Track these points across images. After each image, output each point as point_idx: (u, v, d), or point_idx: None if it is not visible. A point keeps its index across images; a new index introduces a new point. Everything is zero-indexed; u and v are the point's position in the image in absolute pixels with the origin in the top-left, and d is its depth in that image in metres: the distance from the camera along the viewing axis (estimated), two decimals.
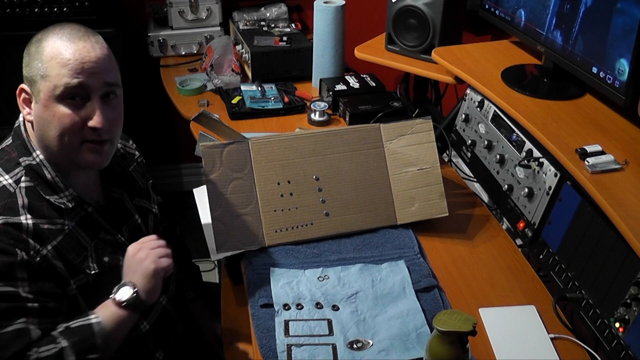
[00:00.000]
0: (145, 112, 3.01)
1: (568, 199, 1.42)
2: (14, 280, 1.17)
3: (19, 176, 1.25)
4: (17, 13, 2.41)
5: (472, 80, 1.81)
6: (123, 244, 1.35)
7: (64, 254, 1.24)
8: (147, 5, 2.82)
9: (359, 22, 2.82)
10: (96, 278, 1.28)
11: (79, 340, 1.19)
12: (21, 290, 1.17)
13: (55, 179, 1.27)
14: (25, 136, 1.28)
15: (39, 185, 1.25)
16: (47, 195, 1.25)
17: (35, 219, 1.22)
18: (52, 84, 1.20)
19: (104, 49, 1.25)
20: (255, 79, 2.34)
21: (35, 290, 1.19)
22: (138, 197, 1.47)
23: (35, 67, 1.22)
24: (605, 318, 1.25)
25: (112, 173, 1.40)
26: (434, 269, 1.48)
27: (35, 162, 1.26)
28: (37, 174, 1.26)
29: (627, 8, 1.38)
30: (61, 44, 1.21)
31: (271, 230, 1.53)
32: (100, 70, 1.23)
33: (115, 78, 1.27)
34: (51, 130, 1.23)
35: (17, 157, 1.27)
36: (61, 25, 1.25)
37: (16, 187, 1.23)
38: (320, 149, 1.59)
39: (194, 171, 3.29)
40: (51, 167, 1.27)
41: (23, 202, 1.22)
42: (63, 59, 1.20)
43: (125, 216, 1.41)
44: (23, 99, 1.27)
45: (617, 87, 1.43)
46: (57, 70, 1.19)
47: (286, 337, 1.28)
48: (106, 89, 1.24)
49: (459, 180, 1.87)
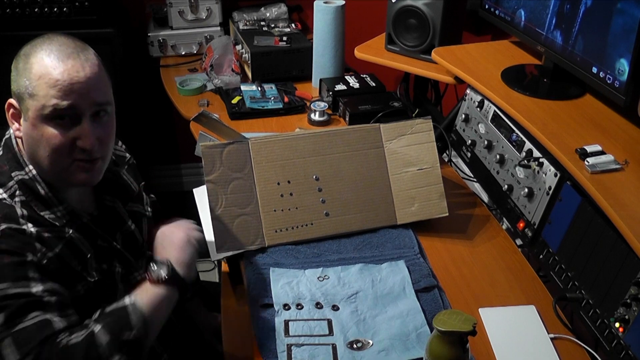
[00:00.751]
0: (145, 112, 3.01)
1: (568, 199, 1.42)
2: (27, 280, 1.15)
3: (12, 191, 1.22)
4: (17, 13, 2.41)
5: (472, 80, 1.81)
6: (118, 251, 1.35)
7: (66, 262, 1.23)
8: (147, 5, 2.82)
9: (359, 22, 2.82)
10: (97, 285, 1.27)
11: (111, 320, 1.18)
12: (34, 290, 1.15)
13: (49, 194, 1.24)
14: (17, 150, 1.25)
15: (32, 201, 1.22)
16: (41, 212, 1.23)
17: (36, 227, 1.20)
18: (40, 103, 1.16)
19: (94, 67, 1.20)
20: (255, 79, 2.34)
21: (48, 289, 1.17)
22: (131, 202, 1.45)
23: (23, 85, 1.18)
24: (605, 318, 1.25)
25: (104, 181, 1.36)
26: (434, 269, 1.48)
27: (28, 177, 1.23)
28: (29, 189, 1.23)
29: (627, 8, 1.38)
30: (49, 62, 1.16)
31: (271, 230, 1.53)
32: (90, 90, 1.18)
33: (106, 97, 1.23)
34: (40, 150, 1.20)
35: (9, 170, 1.24)
36: (49, 40, 1.20)
37: (12, 202, 1.21)
38: (320, 149, 1.59)
39: (194, 171, 3.28)
40: (44, 182, 1.24)
41: (22, 213, 1.20)
42: (51, 79, 1.15)
43: (118, 223, 1.39)
44: (12, 114, 1.23)
45: (617, 87, 1.43)
46: (46, 90, 1.15)
47: (286, 337, 1.28)
48: (96, 108, 1.21)
49: (459, 180, 1.87)
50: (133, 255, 1.39)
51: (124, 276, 1.35)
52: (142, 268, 1.41)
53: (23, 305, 1.14)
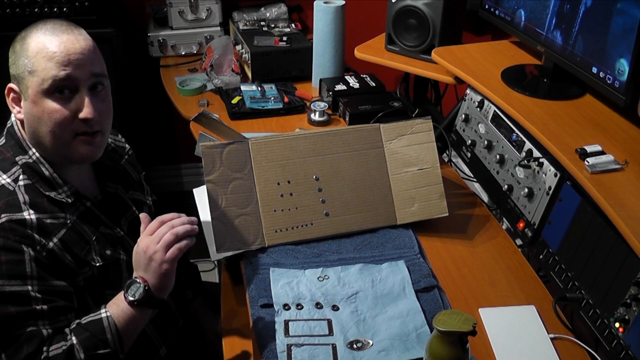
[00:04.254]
0: (145, 112, 3.01)
1: (568, 199, 1.42)
2: (24, 279, 1.17)
3: (16, 175, 1.25)
4: (17, 13, 2.42)
5: (472, 80, 1.81)
6: (122, 237, 1.36)
7: (70, 247, 1.25)
8: (147, 5, 2.82)
9: (359, 22, 2.82)
10: (101, 271, 1.29)
11: (88, 336, 1.19)
12: (30, 289, 1.17)
13: (53, 175, 1.27)
14: (20, 135, 1.29)
15: (37, 182, 1.26)
16: (46, 192, 1.26)
17: (38, 213, 1.22)
18: (40, 78, 1.20)
19: (88, 41, 1.25)
20: (255, 79, 2.34)
21: (45, 289, 1.19)
22: (132, 190, 1.48)
23: (22, 64, 1.22)
24: (605, 318, 1.25)
25: (104, 168, 1.41)
26: (434, 269, 1.48)
27: (32, 160, 1.27)
28: (34, 171, 1.26)
29: (627, 8, 1.38)
30: (45, 38, 1.21)
31: (271, 230, 1.53)
32: (87, 62, 1.23)
33: (102, 69, 1.27)
34: (42, 126, 1.23)
35: (13, 156, 1.27)
36: (43, 22, 1.26)
37: (15, 186, 1.24)
38: (320, 149, 1.59)
39: (194, 171, 3.29)
40: (47, 164, 1.27)
41: (24, 199, 1.23)
42: (49, 52, 1.20)
43: (122, 209, 1.42)
44: (12, 98, 1.27)
45: (617, 87, 1.43)
46: (44, 64, 1.20)
47: (286, 337, 1.28)
48: (93, 79, 1.25)
49: (459, 180, 1.86)
50: None
51: (129, 263, 1.35)
52: None
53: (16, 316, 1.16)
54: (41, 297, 1.18)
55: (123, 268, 1.35)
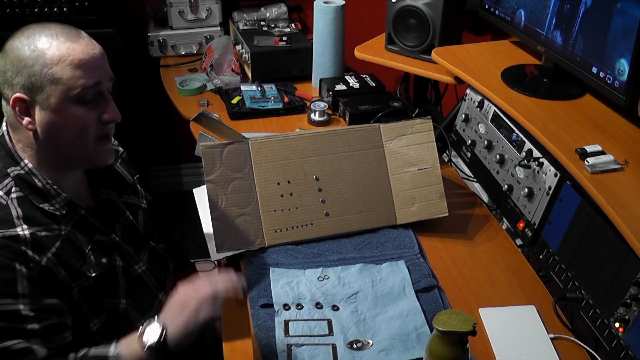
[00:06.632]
0: (145, 112, 3.01)
1: (568, 199, 1.42)
2: (15, 297, 1.15)
3: (8, 187, 1.22)
4: (17, 13, 2.41)
5: (472, 80, 1.81)
6: (118, 243, 1.35)
7: (65, 259, 1.22)
8: (147, 5, 2.82)
9: (359, 22, 2.82)
10: (97, 280, 1.28)
11: None
12: (22, 308, 1.15)
13: (47, 186, 1.24)
14: (10, 146, 1.24)
15: (30, 194, 1.22)
16: (39, 204, 1.22)
17: (31, 227, 1.19)
18: (66, 86, 1.17)
19: (98, 44, 1.24)
20: (255, 79, 2.34)
21: (37, 308, 1.17)
22: (126, 194, 1.46)
23: (38, 73, 1.16)
24: (605, 318, 1.25)
25: (98, 173, 1.38)
26: (434, 269, 1.48)
27: (25, 172, 1.23)
28: (27, 183, 1.23)
29: (627, 8, 1.38)
30: (64, 46, 1.17)
31: (271, 230, 1.53)
32: (106, 66, 1.24)
33: None
34: (65, 133, 1.21)
35: (4, 167, 1.23)
36: (40, 26, 1.20)
37: (7, 199, 1.20)
38: (320, 149, 1.59)
39: (194, 171, 3.29)
40: (41, 174, 1.24)
41: (17, 213, 1.19)
42: (74, 60, 1.17)
43: (116, 214, 1.40)
44: (20, 108, 1.20)
45: (617, 87, 1.43)
46: (71, 72, 1.17)
47: (286, 337, 1.28)
48: (111, 82, 1.25)
49: (459, 180, 1.87)
50: (134, 247, 1.40)
51: (125, 269, 1.35)
52: (142, 261, 1.41)
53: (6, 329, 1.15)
54: (34, 315, 1.16)
55: (119, 274, 1.33)
